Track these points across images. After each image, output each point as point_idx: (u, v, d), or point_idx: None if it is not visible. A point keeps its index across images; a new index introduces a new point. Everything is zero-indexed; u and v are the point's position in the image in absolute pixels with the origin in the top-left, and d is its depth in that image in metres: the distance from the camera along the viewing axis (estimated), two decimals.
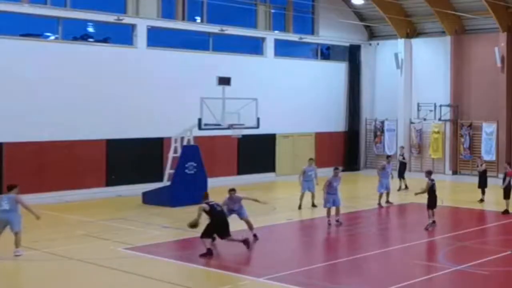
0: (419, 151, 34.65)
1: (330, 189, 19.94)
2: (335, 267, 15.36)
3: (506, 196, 22.00)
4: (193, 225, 16.00)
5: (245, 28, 31.48)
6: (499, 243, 18.15)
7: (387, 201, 23.91)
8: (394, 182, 25.85)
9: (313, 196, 22.82)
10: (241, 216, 17.76)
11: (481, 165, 24.83)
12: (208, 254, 15.69)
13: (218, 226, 16.10)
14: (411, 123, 34.79)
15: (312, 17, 34.38)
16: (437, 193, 20.04)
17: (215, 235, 16.33)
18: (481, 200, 24.36)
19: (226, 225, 16.21)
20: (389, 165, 24.78)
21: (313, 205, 22.62)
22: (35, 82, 24.16)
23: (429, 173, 20.06)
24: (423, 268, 14.97)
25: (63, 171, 24.83)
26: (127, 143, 26.53)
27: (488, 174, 27.96)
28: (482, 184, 24.52)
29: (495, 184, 24.49)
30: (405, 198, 25.16)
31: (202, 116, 22.57)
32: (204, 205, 16.07)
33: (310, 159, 24.31)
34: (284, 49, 33.07)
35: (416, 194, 20.30)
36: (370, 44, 36.52)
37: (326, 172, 33.70)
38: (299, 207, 22.53)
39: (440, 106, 33.13)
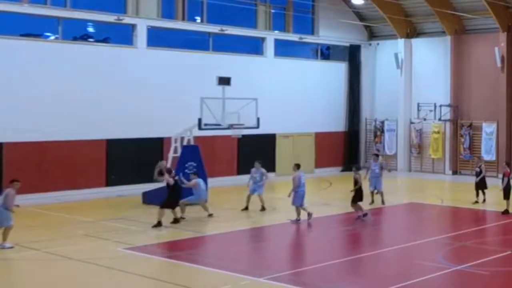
0: (419, 151, 34.64)
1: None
2: (335, 267, 15.35)
3: (506, 196, 21.97)
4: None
5: (245, 28, 31.47)
6: (499, 243, 18.16)
7: (382, 202, 23.62)
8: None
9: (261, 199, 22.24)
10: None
11: (479, 166, 24.15)
12: (159, 225, 18.93)
13: (177, 196, 19.65)
14: (411, 123, 34.79)
15: (312, 17, 34.39)
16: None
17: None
18: (476, 202, 23.74)
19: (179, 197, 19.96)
20: (375, 163, 23.86)
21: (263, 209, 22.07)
22: (35, 82, 24.14)
23: (357, 169, 21.57)
24: (423, 268, 14.96)
25: (63, 171, 24.82)
26: (127, 143, 26.52)
27: (488, 174, 27.89)
28: (481, 186, 23.85)
29: (496, 185, 24.45)
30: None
31: (202, 116, 22.57)
32: (170, 180, 19.54)
33: (258, 161, 22.82)
34: (284, 49, 33.06)
35: (352, 190, 20.89)
36: (370, 44, 36.52)
37: (326, 172, 33.96)
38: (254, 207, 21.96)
39: (440, 106, 33.12)
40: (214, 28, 29.76)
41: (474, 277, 14.35)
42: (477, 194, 23.89)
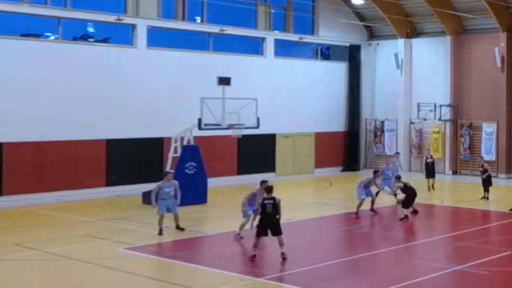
0: (419, 151, 34.63)
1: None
2: (335, 267, 15.36)
3: None
4: None
5: (245, 28, 31.46)
6: (500, 243, 18.13)
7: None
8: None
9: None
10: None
11: (482, 165, 24.81)
12: None
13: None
14: (411, 123, 34.79)
15: (312, 17, 34.38)
16: None
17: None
18: (484, 197, 24.36)
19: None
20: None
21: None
22: (35, 82, 24.14)
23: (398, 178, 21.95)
24: (423, 268, 14.97)
25: (63, 171, 24.82)
26: (127, 143, 26.51)
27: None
28: (487, 183, 24.55)
29: (496, 184, 24.48)
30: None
31: (202, 116, 22.57)
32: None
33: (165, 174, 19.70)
34: (284, 49, 33.06)
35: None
36: (370, 44, 36.51)
37: (326, 172, 33.97)
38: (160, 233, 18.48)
39: (440, 106, 33.12)
40: (214, 28, 29.76)
41: (474, 277, 14.35)
42: (485, 190, 24.42)
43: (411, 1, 33.74)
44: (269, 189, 15.97)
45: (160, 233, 18.15)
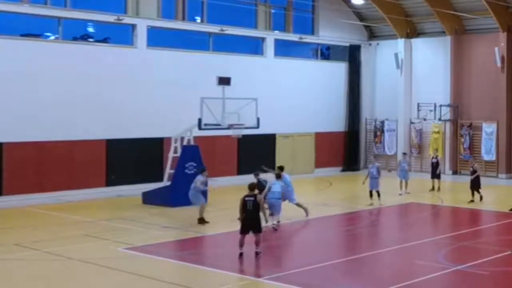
0: (419, 151, 34.64)
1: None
2: (335, 267, 15.35)
3: None
4: None
5: (245, 28, 31.47)
6: (499, 243, 18.14)
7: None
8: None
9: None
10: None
11: (473, 166, 24.63)
12: None
13: None
14: (411, 123, 34.79)
15: (312, 17, 34.39)
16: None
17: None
18: (472, 201, 23.93)
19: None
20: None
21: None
22: (35, 82, 24.14)
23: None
24: (423, 268, 14.97)
25: (63, 171, 24.82)
26: (127, 143, 26.52)
27: (488, 174, 27.97)
28: (475, 185, 24.23)
29: (495, 184, 24.46)
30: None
31: (202, 116, 22.56)
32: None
33: (203, 170, 20.80)
34: (284, 49, 33.07)
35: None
36: (370, 44, 36.51)
37: (326, 172, 33.96)
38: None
39: (440, 106, 33.12)
40: (214, 28, 29.76)
41: (474, 277, 14.35)
42: (472, 194, 24.11)
43: (411, 1, 33.74)
44: (252, 187, 16.15)
45: (203, 221, 19.42)
